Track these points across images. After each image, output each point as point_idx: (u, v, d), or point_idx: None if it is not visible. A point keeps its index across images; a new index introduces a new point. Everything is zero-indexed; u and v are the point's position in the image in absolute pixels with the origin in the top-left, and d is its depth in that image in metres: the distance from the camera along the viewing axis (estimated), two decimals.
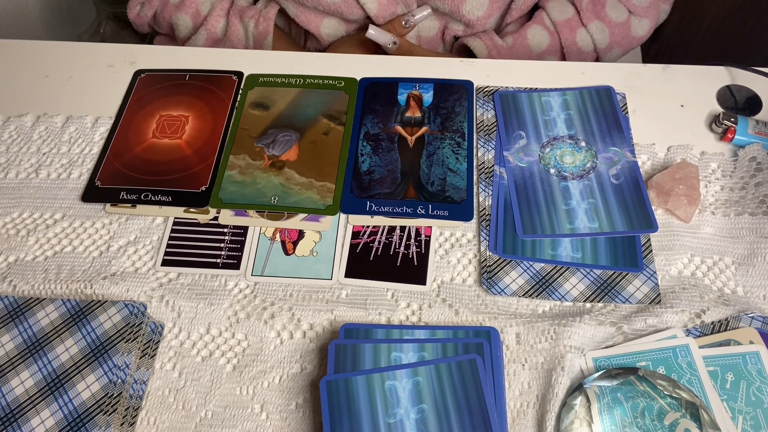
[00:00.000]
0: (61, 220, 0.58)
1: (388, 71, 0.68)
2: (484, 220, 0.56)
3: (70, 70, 0.70)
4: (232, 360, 0.51)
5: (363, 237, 0.56)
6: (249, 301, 0.53)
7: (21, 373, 0.48)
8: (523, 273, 0.53)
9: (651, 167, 0.60)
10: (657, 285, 0.52)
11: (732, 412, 0.45)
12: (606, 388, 0.46)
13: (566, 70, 0.67)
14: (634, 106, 0.64)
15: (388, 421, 0.44)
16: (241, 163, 0.61)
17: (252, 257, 0.55)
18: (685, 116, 0.63)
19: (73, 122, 0.65)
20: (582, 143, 0.60)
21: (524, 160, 0.60)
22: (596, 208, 0.56)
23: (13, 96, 0.68)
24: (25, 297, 0.52)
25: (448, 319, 0.52)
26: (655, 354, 0.48)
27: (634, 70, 0.67)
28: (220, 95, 0.66)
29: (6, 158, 0.63)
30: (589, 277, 0.53)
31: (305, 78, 0.67)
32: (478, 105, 0.64)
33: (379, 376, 0.46)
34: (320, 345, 0.51)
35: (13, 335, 0.50)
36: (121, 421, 0.47)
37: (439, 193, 0.58)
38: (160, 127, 0.64)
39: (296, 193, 0.58)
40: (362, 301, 0.53)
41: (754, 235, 0.54)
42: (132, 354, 0.49)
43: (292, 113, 0.64)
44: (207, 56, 0.70)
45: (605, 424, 0.45)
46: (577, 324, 0.49)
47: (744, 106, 0.63)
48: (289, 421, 0.48)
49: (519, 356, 0.49)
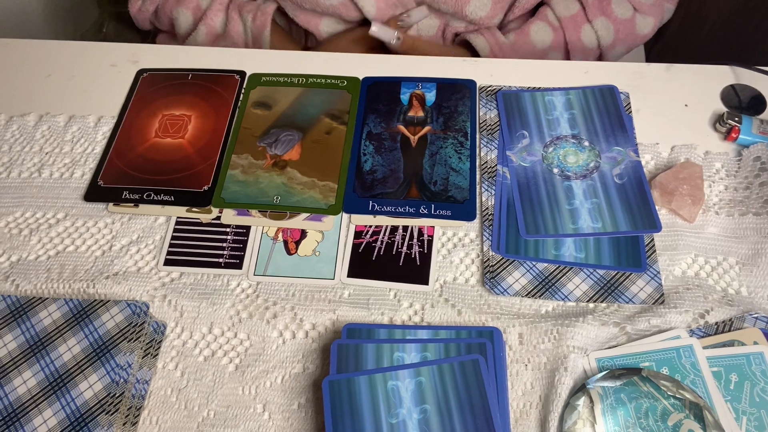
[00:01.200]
0: (63, 219, 0.58)
1: (391, 70, 0.67)
2: (486, 219, 0.56)
3: (73, 69, 0.70)
4: (235, 360, 0.51)
5: (365, 237, 0.56)
6: (251, 301, 0.53)
7: (23, 373, 0.48)
8: (526, 273, 0.53)
9: (655, 167, 0.59)
10: (660, 285, 0.52)
11: (736, 413, 0.45)
12: (609, 388, 0.46)
13: (569, 69, 0.67)
14: (638, 106, 0.64)
15: (391, 421, 0.44)
16: (244, 162, 0.61)
17: (254, 257, 0.55)
18: (689, 116, 0.63)
19: (76, 122, 0.65)
20: (585, 143, 0.60)
21: (527, 160, 0.60)
22: (599, 207, 0.56)
23: (16, 95, 0.68)
24: (28, 296, 0.53)
25: (450, 319, 0.52)
26: (659, 354, 0.48)
27: (637, 70, 0.66)
28: (222, 95, 0.66)
29: (9, 157, 0.63)
30: (593, 277, 0.53)
31: (308, 77, 0.67)
32: (481, 104, 0.64)
33: (382, 376, 0.46)
34: (322, 345, 0.51)
35: (15, 335, 0.50)
36: (123, 420, 0.47)
37: (441, 192, 0.58)
38: (163, 126, 0.64)
39: (299, 193, 0.58)
40: (365, 300, 0.53)
41: (758, 235, 0.54)
42: (134, 353, 0.49)
43: (294, 113, 0.64)
44: (210, 56, 0.70)
45: (608, 425, 0.45)
46: (580, 324, 0.49)
47: (748, 106, 0.63)
48: (292, 421, 0.48)
49: (522, 356, 0.49)
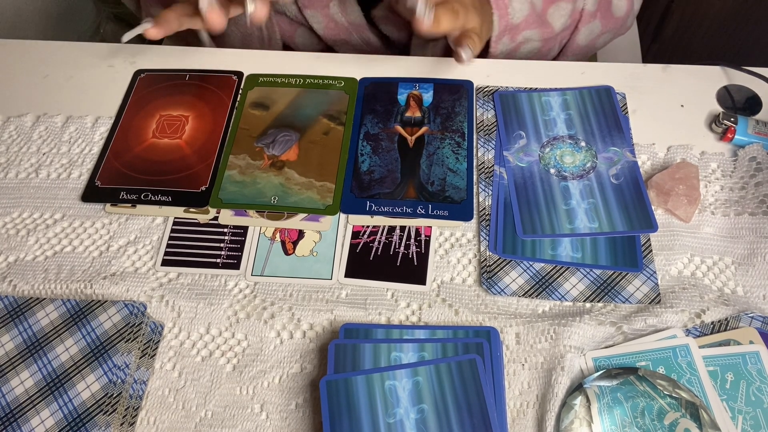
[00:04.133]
0: (61, 220, 0.58)
1: (388, 71, 0.68)
2: (484, 220, 0.56)
3: (70, 70, 0.70)
4: (232, 360, 0.51)
5: (363, 237, 0.56)
6: (249, 301, 0.53)
7: (21, 373, 0.48)
8: (523, 273, 0.53)
9: (651, 167, 0.60)
10: (657, 285, 0.52)
11: (732, 412, 0.45)
12: (606, 387, 0.46)
13: (566, 69, 0.67)
14: (634, 106, 0.64)
15: (388, 420, 0.44)
16: (241, 163, 0.61)
17: (252, 257, 0.55)
18: (685, 116, 0.63)
19: (73, 122, 0.65)
20: (582, 143, 0.60)
21: (524, 160, 0.60)
22: (596, 208, 0.56)
23: (13, 96, 0.68)
24: (25, 297, 0.53)
25: (448, 319, 0.52)
26: (655, 354, 0.48)
27: (634, 70, 0.67)
28: (220, 95, 0.66)
29: (6, 158, 0.63)
30: (589, 277, 0.53)
31: (305, 78, 0.67)
32: (478, 105, 0.64)
33: (379, 376, 0.46)
34: (320, 345, 0.51)
35: (13, 335, 0.50)
36: (120, 421, 0.47)
37: (439, 193, 0.58)
38: (160, 127, 0.64)
39: (296, 193, 0.58)
40: (362, 301, 0.53)
41: (753, 235, 0.54)
42: (132, 354, 0.49)
43: (292, 113, 0.64)
44: (207, 56, 0.70)
45: (605, 424, 0.45)
46: (576, 324, 0.49)
47: (744, 106, 0.63)
48: (289, 421, 0.48)
49: (519, 356, 0.49)
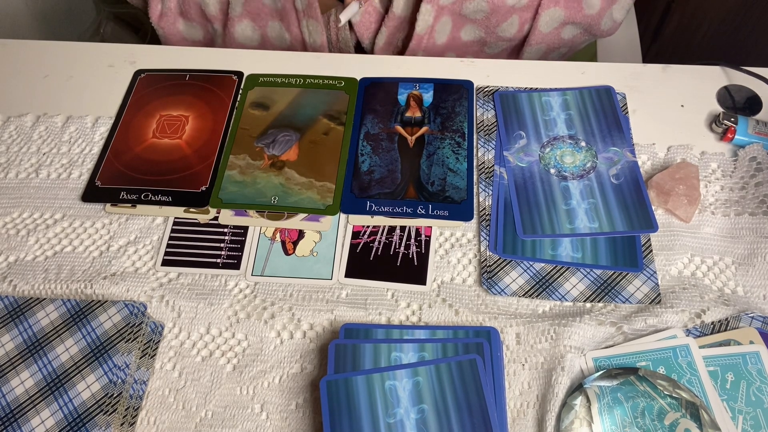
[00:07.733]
0: (61, 220, 0.58)
1: (388, 71, 0.68)
2: (484, 220, 0.56)
3: (71, 70, 0.70)
4: (232, 360, 0.51)
5: (363, 237, 0.56)
6: (249, 301, 0.53)
7: (21, 373, 0.48)
8: (523, 273, 0.53)
9: (651, 167, 0.60)
10: (657, 285, 0.52)
11: (732, 412, 0.45)
12: (606, 388, 0.46)
13: (566, 70, 0.67)
14: (634, 106, 0.64)
15: (388, 421, 0.44)
16: (241, 163, 0.61)
17: (252, 257, 0.55)
18: (685, 116, 0.63)
19: (73, 122, 0.65)
20: (582, 143, 0.60)
21: (524, 160, 0.60)
22: (596, 208, 0.56)
23: (13, 96, 0.68)
24: (25, 297, 0.53)
25: (448, 319, 0.52)
26: (655, 354, 0.48)
27: (634, 70, 0.67)
28: (220, 95, 0.66)
29: (6, 158, 0.63)
30: (589, 277, 0.53)
31: (305, 78, 0.67)
32: (478, 105, 0.64)
33: (379, 376, 0.46)
34: (320, 345, 0.51)
35: (13, 335, 0.50)
36: (121, 421, 0.47)
37: (439, 193, 0.58)
38: (160, 127, 0.64)
39: (296, 193, 0.58)
40: (362, 301, 0.53)
41: (754, 235, 0.54)
42: (132, 354, 0.49)
43: (292, 113, 0.64)
44: (207, 56, 0.70)
45: (605, 424, 0.45)
46: (577, 324, 0.49)
47: (744, 106, 0.63)
48: (289, 421, 0.48)
49: (519, 356, 0.49)
